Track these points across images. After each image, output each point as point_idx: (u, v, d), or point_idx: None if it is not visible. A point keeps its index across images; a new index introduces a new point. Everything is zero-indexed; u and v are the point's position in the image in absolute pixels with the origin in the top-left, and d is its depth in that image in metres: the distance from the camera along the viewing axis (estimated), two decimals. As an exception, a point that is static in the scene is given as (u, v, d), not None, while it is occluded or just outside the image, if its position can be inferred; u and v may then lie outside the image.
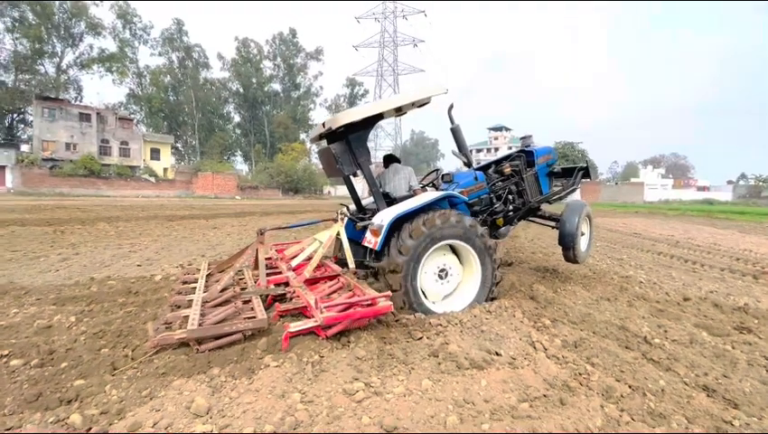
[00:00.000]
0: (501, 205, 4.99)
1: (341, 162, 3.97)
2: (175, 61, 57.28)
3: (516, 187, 5.20)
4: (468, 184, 4.78)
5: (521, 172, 5.20)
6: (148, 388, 2.32)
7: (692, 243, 10.60)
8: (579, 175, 5.58)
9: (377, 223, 3.77)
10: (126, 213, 15.79)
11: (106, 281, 4.94)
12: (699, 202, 50.11)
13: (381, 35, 70.84)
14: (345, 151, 3.99)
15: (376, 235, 3.74)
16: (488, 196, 4.95)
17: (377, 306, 3.19)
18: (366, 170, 4.06)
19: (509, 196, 5.12)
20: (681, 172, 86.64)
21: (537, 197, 5.28)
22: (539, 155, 5.43)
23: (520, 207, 5.16)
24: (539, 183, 5.38)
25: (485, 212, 4.85)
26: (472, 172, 4.85)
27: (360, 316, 3.16)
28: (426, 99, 4.28)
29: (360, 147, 4.00)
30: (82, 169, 36.31)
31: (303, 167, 51.28)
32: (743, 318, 4.00)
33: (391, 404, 2.22)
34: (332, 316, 2.98)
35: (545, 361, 2.78)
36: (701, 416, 2.18)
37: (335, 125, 3.73)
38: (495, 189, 5.05)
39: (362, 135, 4.03)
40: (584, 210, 5.07)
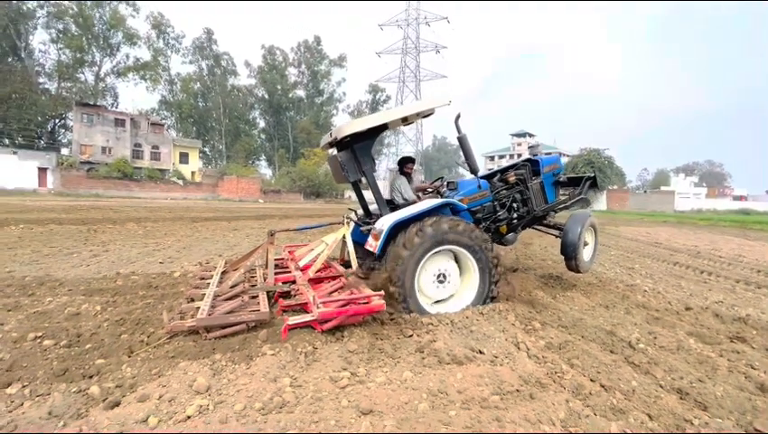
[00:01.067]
0: (504, 213, 5.09)
1: (347, 169, 4.21)
2: (205, 68, 59.66)
3: (520, 196, 5.29)
4: (471, 192, 4.91)
5: (527, 180, 5.31)
6: (158, 368, 2.62)
7: (715, 254, 10.28)
8: (586, 185, 5.63)
9: (377, 228, 3.99)
10: (153, 214, 16.62)
11: (130, 276, 5.36)
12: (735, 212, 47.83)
13: (404, 42, 71.45)
14: (351, 159, 4.22)
15: (376, 239, 3.96)
16: (491, 204, 5.06)
17: (371, 304, 3.41)
18: (370, 178, 4.28)
19: (513, 204, 5.21)
20: (717, 180, 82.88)
21: (542, 206, 5.36)
22: (545, 165, 5.53)
23: (525, 215, 5.25)
24: (545, 191, 5.48)
25: (488, 219, 4.96)
26: (477, 180, 4.96)
27: (354, 313, 3.39)
28: (430, 110, 4.48)
29: (365, 156, 4.22)
30: (116, 172, 38.30)
31: (324, 172, 52.14)
32: (740, 329, 3.98)
33: (371, 391, 2.43)
34: (328, 312, 3.24)
35: (525, 360, 2.92)
36: (664, 414, 2.28)
37: (340, 135, 3.98)
38: (499, 197, 5.16)
39: (367, 144, 4.25)
40: (588, 220, 5.12)
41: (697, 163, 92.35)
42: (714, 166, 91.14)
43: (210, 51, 58.93)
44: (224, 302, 3.71)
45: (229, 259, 5.77)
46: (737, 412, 2.37)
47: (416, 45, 71.17)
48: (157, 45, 54.56)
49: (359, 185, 4.82)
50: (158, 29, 53.69)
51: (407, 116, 4.46)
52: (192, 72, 59.00)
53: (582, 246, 4.99)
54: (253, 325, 3.37)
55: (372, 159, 4.33)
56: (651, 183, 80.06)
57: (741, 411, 2.38)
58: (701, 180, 75.73)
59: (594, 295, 5.10)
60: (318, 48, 64.62)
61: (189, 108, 57.47)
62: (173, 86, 58.32)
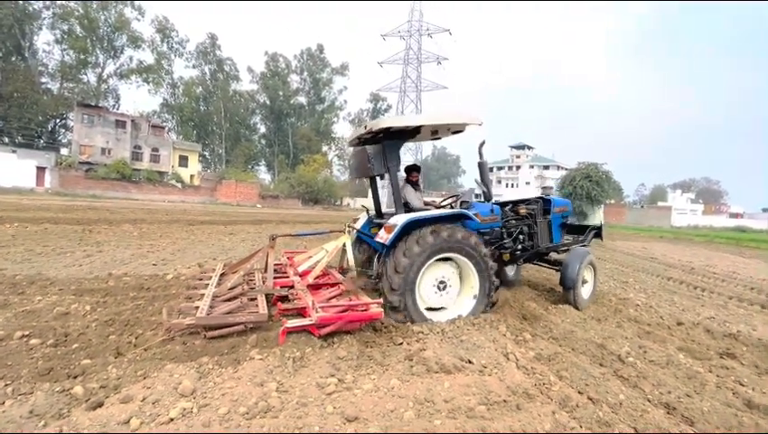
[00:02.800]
0: (510, 242, 5.17)
1: (374, 162, 4.29)
2: (208, 73, 59.99)
3: (528, 229, 5.41)
4: (484, 214, 4.95)
5: (536, 216, 5.44)
6: (144, 369, 2.60)
7: (709, 271, 10.32)
8: (591, 235, 5.87)
9: (392, 222, 4.05)
10: (150, 216, 16.58)
11: (122, 277, 5.33)
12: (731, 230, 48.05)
13: (406, 52, 72.10)
14: (379, 153, 4.32)
15: (389, 231, 4.00)
16: (500, 230, 5.14)
17: (369, 312, 3.43)
18: (393, 175, 4.37)
19: (519, 235, 5.31)
20: (713, 197, 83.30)
21: (546, 243, 5.49)
22: (556, 205, 5.72)
23: (529, 248, 5.35)
24: (551, 230, 5.63)
25: (494, 244, 5.02)
26: (490, 204, 5.07)
27: (352, 319, 3.40)
28: (460, 126, 4.58)
29: (393, 154, 4.33)
30: (115, 173, 38.24)
31: (323, 178, 52.30)
32: (731, 344, 3.99)
33: (358, 398, 2.42)
34: (327, 317, 3.26)
35: (513, 370, 2.91)
36: (650, 428, 2.28)
37: (377, 126, 4.07)
38: (508, 226, 5.27)
39: (397, 144, 4.39)
40: (587, 258, 5.16)
41: (693, 179, 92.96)
42: (711, 183, 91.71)
43: (213, 56, 59.33)
44: (223, 303, 3.73)
45: (228, 262, 5.77)
46: (723, 428, 2.37)
47: (417, 56, 71.86)
48: (161, 49, 54.97)
49: (376, 184, 4.88)
50: (162, 33, 54.11)
51: (438, 128, 4.58)
52: (195, 76, 59.38)
53: (581, 282, 5.03)
54: (251, 325, 3.39)
55: (399, 159, 4.42)
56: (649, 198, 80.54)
57: (727, 427, 2.38)
58: (698, 196, 76.09)
59: (587, 308, 5.10)
60: (321, 56, 65.18)
61: (190, 112, 57.66)
62: (175, 89, 58.59)
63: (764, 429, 2.34)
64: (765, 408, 2.62)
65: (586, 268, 5.17)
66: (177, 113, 57.86)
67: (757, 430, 2.31)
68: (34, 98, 42.23)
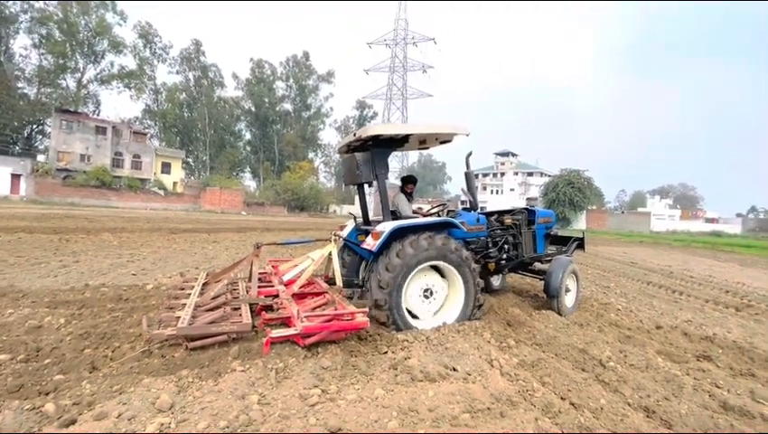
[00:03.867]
0: (495, 251, 5.23)
1: (362, 169, 4.32)
2: (191, 79, 59.35)
3: (513, 239, 5.49)
4: (470, 223, 5.00)
5: (521, 226, 5.54)
6: (120, 384, 2.52)
7: (686, 274, 10.62)
8: (574, 246, 5.98)
9: (379, 229, 4.05)
10: (131, 225, 16.20)
11: (99, 288, 5.18)
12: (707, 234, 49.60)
13: (392, 61, 72.82)
14: (368, 161, 4.34)
15: (376, 238, 4.00)
16: (485, 239, 5.19)
17: (354, 321, 3.40)
18: (381, 182, 4.38)
19: (504, 245, 5.38)
20: (690, 203, 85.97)
21: (530, 253, 5.59)
22: (540, 216, 5.83)
23: (513, 258, 5.43)
24: (536, 241, 5.73)
25: (480, 253, 5.07)
26: (476, 214, 5.13)
27: (338, 329, 3.37)
28: (448, 136, 4.62)
29: (381, 162, 4.35)
30: (94, 180, 37.31)
31: (309, 185, 52.07)
32: (707, 347, 4.10)
33: (341, 409, 2.38)
34: (312, 326, 3.22)
35: (497, 377, 2.92)
36: (631, 432, 2.31)
37: (366, 134, 4.09)
38: (493, 235, 5.33)
39: (385, 151, 4.41)
40: (569, 267, 5.27)
41: (671, 185, 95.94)
42: (687, 189, 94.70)
43: (197, 63, 58.75)
44: (205, 313, 3.66)
45: (211, 271, 5.66)
46: (700, 430, 2.42)
47: (403, 64, 72.60)
48: (144, 54, 54.20)
49: (364, 190, 4.92)
50: (145, 38, 53.40)
51: (426, 138, 4.62)
52: (179, 82, 58.65)
53: (564, 291, 5.13)
54: (234, 336, 3.33)
55: (387, 166, 4.44)
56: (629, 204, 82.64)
57: (704, 429, 2.43)
58: (675, 202, 78.46)
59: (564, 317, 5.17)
60: (306, 63, 65.23)
61: (173, 118, 56.84)
62: (158, 95, 57.76)
63: (739, 430, 2.40)
64: (740, 409, 2.69)
65: (569, 277, 5.27)
66: (160, 119, 56.97)
67: (732, 431, 2.37)
68: (10, 103, 41.01)
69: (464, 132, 4.42)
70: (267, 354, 3.10)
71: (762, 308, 6.41)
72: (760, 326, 5.27)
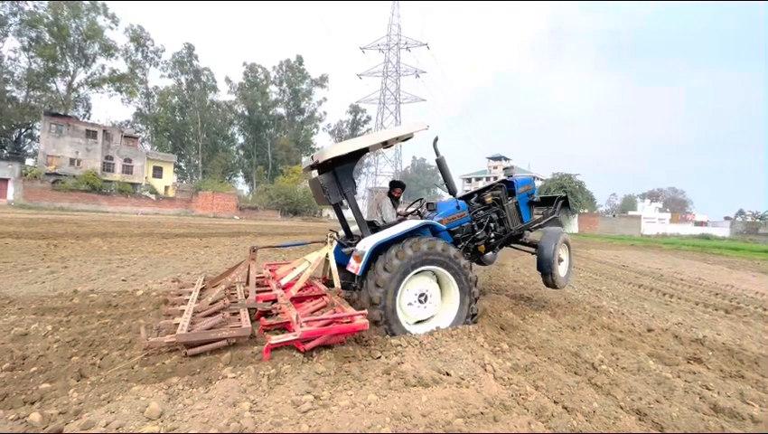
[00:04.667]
0: (482, 233, 5.19)
1: (328, 192, 4.22)
2: (184, 83, 59.07)
3: (497, 216, 5.41)
4: (450, 213, 5.00)
5: (503, 201, 5.44)
6: (108, 392, 2.47)
7: (677, 277, 10.73)
8: (559, 205, 5.82)
9: (359, 250, 3.99)
10: (121, 230, 16.00)
11: (88, 294, 5.09)
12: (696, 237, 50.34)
13: (385, 65, 73.14)
14: (332, 182, 4.24)
15: (358, 261, 3.95)
16: (470, 224, 5.16)
17: (354, 324, 3.39)
18: (351, 200, 4.32)
19: (490, 224, 5.32)
20: (679, 206, 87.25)
21: (518, 225, 5.49)
22: (520, 186, 5.70)
23: (502, 235, 5.36)
24: (520, 211, 5.62)
25: (467, 239, 5.05)
26: (455, 201, 5.06)
27: (337, 332, 3.37)
28: (408, 135, 4.57)
29: (346, 179, 4.26)
30: (84, 184, 36.86)
31: (303, 190, 51.91)
32: (698, 350, 4.13)
33: (334, 415, 2.36)
34: (311, 331, 3.22)
35: (491, 382, 2.92)
36: (622, 436, 2.32)
37: (322, 158, 4.01)
38: (477, 217, 5.26)
39: (348, 167, 4.31)
40: (560, 237, 5.25)
41: (661, 189, 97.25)
42: (677, 193, 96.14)
43: (190, 66, 58.52)
44: (204, 318, 3.62)
45: (208, 276, 5.61)
46: (691, 432, 2.44)
47: (396, 69, 72.96)
48: (135, 58, 53.86)
49: (340, 207, 4.83)
50: (137, 42, 53.09)
51: (389, 140, 4.56)
52: (171, 86, 58.33)
53: (557, 262, 5.12)
54: (234, 341, 3.32)
55: (353, 181, 4.38)
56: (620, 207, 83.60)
57: (694, 431, 2.44)
58: (665, 206, 79.54)
59: (562, 316, 5.20)
60: (300, 67, 65.29)
61: (165, 122, 56.48)
62: (149, 99, 57.36)
63: (729, 432, 2.42)
64: (730, 411, 2.71)
65: (561, 247, 5.25)
66: (152, 123, 56.58)
67: (722, 432, 2.39)
68: (-2, 106, 40.48)
69: (422, 128, 4.38)
70: (258, 361, 3.08)
71: (750, 310, 6.50)
72: (749, 328, 5.33)
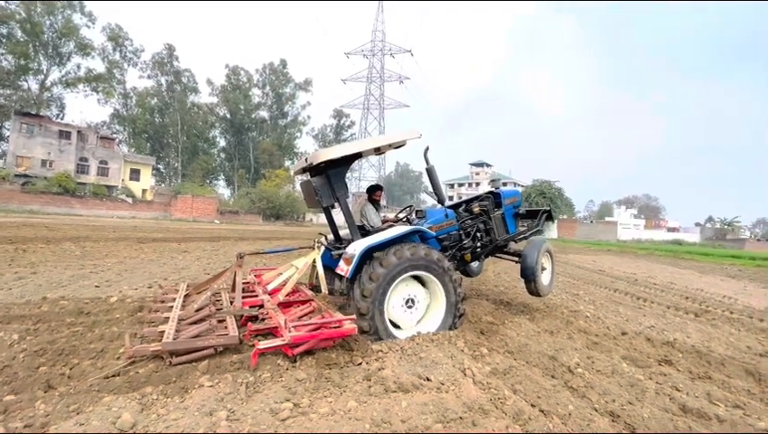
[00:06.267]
0: (469, 242, 5.28)
1: (321, 194, 4.23)
2: (164, 84, 57.87)
3: (484, 226, 5.52)
4: (439, 221, 5.07)
5: (489, 212, 5.56)
6: (77, 404, 2.39)
7: (650, 282, 11.09)
8: (543, 218, 6.03)
9: (349, 253, 4.00)
10: (95, 234, 15.48)
11: (58, 301, 4.90)
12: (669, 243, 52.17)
13: (369, 71, 73.51)
14: (325, 185, 4.25)
15: (348, 263, 3.96)
16: (457, 233, 5.25)
17: (342, 328, 3.41)
18: (343, 203, 4.33)
19: (477, 234, 5.42)
20: (653, 213, 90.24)
21: (503, 235, 5.62)
22: (506, 197, 5.86)
23: (488, 244, 5.47)
24: (506, 222, 5.76)
25: (454, 247, 5.13)
26: (444, 209, 5.15)
27: (325, 337, 3.37)
28: (401, 142, 4.63)
29: (339, 182, 4.27)
30: (56, 187, 35.51)
31: (285, 194, 51.41)
32: (668, 352, 4.28)
33: (313, 423, 2.34)
34: (300, 336, 3.21)
35: (470, 386, 2.94)
36: (596, 437, 2.38)
37: (316, 160, 4.02)
38: (464, 226, 5.36)
39: (341, 171, 4.33)
40: (543, 246, 5.40)
41: (636, 196, 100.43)
42: (651, 200, 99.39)
43: (170, 67, 57.40)
44: (189, 326, 3.56)
45: (192, 283, 5.49)
46: (661, 433, 2.52)
47: (380, 75, 73.42)
48: (113, 58, 52.49)
49: (330, 211, 4.82)
50: (115, 41, 51.79)
51: (381, 146, 4.62)
52: (150, 87, 57.05)
53: (540, 270, 5.25)
54: (221, 349, 3.27)
55: (346, 185, 4.39)
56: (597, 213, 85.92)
57: (664, 432, 2.53)
58: (640, 212, 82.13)
59: (541, 320, 5.30)
60: (284, 71, 64.89)
61: (144, 124, 55.15)
62: (127, 100, 55.92)
63: (696, 432, 2.51)
64: (698, 411, 2.82)
65: (544, 256, 5.39)
66: (129, 124, 55.14)
67: (689, 432, 2.48)
68: (-36, 104, 38.72)
69: (415, 135, 4.46)
70: (237, 369, 3.03)
71: (718, 314, 6.77)
72: (716, 331, 5.56)
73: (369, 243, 3.99)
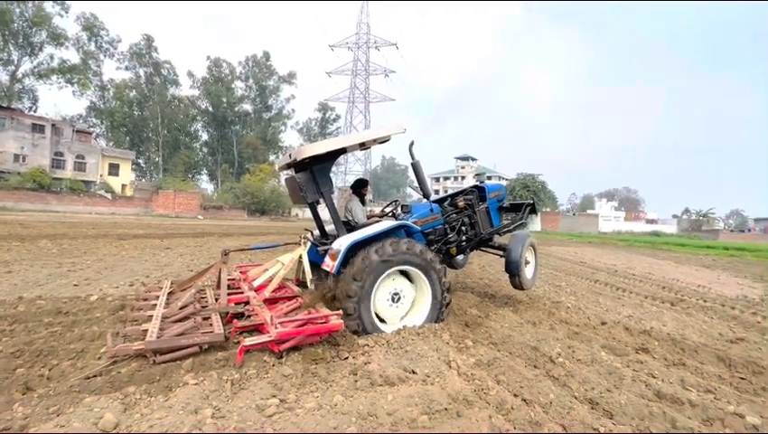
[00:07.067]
0: (454, 235, 5.33)
1: (305, 190, 4.20)
2: (143, 76, 56.26)
3: (469, 219, 5.58)
4: (424, 215, 5.10)
5: (474, 206, 5.63)
6: (57, 405, 2.34)
7: (629, 272, 11.41)
8: (527, 211, 6.12)
9: (335, 248, 4.00)
10: (73, 231, 15.05)
11: (35, 301, 4.77)
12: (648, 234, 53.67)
13: (354, 64, 72.92)
14: (309, 180, 4.22)
15: (333, 259, 3.95)
16: (443, 227, 5.30)
17: (329, 324, 3.42)
18: (328, 199, 4.31)
19: (462, 227, 5.47)
20: (633, 205, 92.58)
21: (488, 229, 5.70)
22: (491, 191, 5.93)
23: (473, 238, 5.54)
24: (491, 216, 5.83)
25: (440, 241, 5.17)
26: (429, 204, 5.18)
27: (312, 333, 3.37)
28: (386, 137, 4.64)
29: (324, 178, 4.25)
30: (31, 182, 34.30)
31: (270, 189, 50.80)
32: (645, 340, 4.43)
33: (300, 418, 2.36)
34: (286, 332, 3.21)
35: (455, 378, 3.00)
36: (575, 424, 2.46)
37: (300, 156, 3.99)
38: (450, 220, 5.41)
39: (326, 166, 4.31)
40: (527, 240, 5.50)
41: (616, 189, 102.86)
42: (630, 193, 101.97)
43: (149, 59, 55.78)
44: (174, 324, 3.51)
45: (176, 280, 5.40)
46: (637, 418, 2.62)
47: (365, 68, 72.91)
48: (88, 48, 50.69)
49: (315, 206, 4.81)
50: (90, 31, 49.98)
51: (366, 141, 4.62)
52: (128, 79, 55.35)
53: (524, 264, 5.36)
54: (207, 346, 3.24)
55: (330, 181, 4.38)
56: (579, 206, 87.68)
57: (640, 417, 2.63)
58: (620, 204, 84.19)
59: (524, 312, 5.41)
60: (267, 63, 63.79)
61: (122, 117, 53.55)
62: (104, 92, 54.18)
63: (670, 416, 2.62)
64: (671, 397, 2.93)
65: (528, 250, 5.51)
66: (107, 118, 53.49)
67: (663, 418, 2.58)
68: (-71, 96, 36.91)
69: (399, 130, 4.47)
70: (222, 366, 3.02)
71: (692, 302, 7.03)
72: (690, 319, 5.77)
73: (354, 239, 3.99)
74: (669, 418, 2.58)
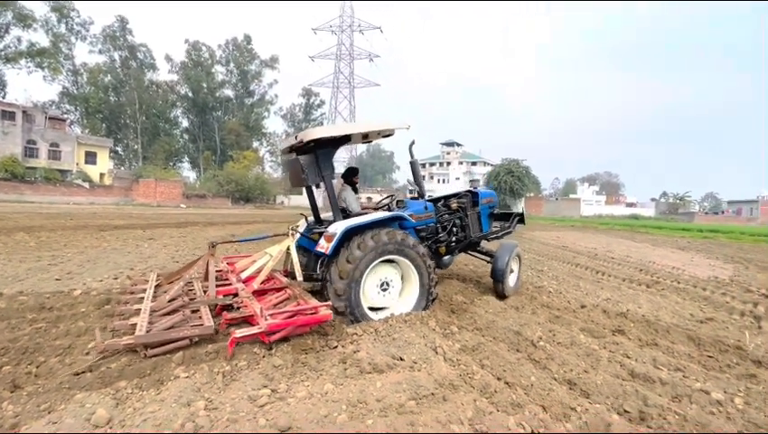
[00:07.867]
0: (445, 235, 5.51)
1: (308, 172, 4.28)
2: (117, 60, 54.10)
3: (460, 222, 5.77)
4: (418, 212, 5.21)
5: (467, 209, 5.83)
6: (48, 402, 2.35)
7: (608, 256, 11.76)
8: (515, 220, 6.40)
9: (331, 231, 4.08)
10: (50, 222, 14.63)
11: (16, 297, 4.68)
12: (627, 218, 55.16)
13: (338, 48, 71.60)
14: (312, 163, 4.32)
15: (329, 241, 4.05)
16: (435, 226, 5.44)
17: (318, 315, 3.48)
18: (328, 183, 4.39)
19: (453, 228, 5.65)
20: (613, 189, 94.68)
21: (477, 233, 5.92)
22: (483, 197, 6.14)
23: (462, 240, 5.73)
24: (481, 221, 6.06)
25: (430, 239, 5.33)
26: (424, 202, 5.32)
27: (302, 323, 3.43)
28: (390, 131, 4.78)
29: (326, 162, 4.34)
30: (2, 172, 33.01)
31: (254, 176, 50.11)
32: (621, 322, 4.64)
33: (291, 407, 2.42)
34: (276, 323, 3.25)
35: (441, 364, 3.11)
36: (554, 405, 2.61)
37: (307, 138, 4.06)
38: (442, 220, 5.58)
39: (329, 151, 4.41)
40: (515, 250, 5.75)
41: (597, 174, 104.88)
42: (611, 177, 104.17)
43: (123, 42, 53.61)
44: (162, 317, 3.52)
45: (162, 273, 5.35)
46: (612, 397, 2.78)
47: (349, 52, 71.70)
48: (58, 30, 48.35)
49: (313, 191, 4.91)
50: (59, 12, 47.61)
51: (369, 133, 4.73)
52: (102, 63, 53.16)
53: (509, 272, 5.59)
54: (197, 339, 3.26)
55: (332, 166, 4.46)
56: (562, 191, 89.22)
57: (615, 396, 2.79)
58: (601, 189, 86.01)
59: (507, 297, 5.58)
60: (248, 47, 62.07)
61: (97, 103, 51.58)
62: (77, 77, 52.00)
63: (642, 394, 2.79)
64: (644, 376, 3.11)
65: (513, 260, 5.76)
66: (81, 104, 51.47)
67: (636, 396, 2.74)
68: None
69: (404, 126, 4.63)
70: (213, 358, 3.06)
71: (667, 284, 7.34)
72: (664, 300, 6.04)
73: (350, 224, 4.10)
74: (642, 396, 2.75)
